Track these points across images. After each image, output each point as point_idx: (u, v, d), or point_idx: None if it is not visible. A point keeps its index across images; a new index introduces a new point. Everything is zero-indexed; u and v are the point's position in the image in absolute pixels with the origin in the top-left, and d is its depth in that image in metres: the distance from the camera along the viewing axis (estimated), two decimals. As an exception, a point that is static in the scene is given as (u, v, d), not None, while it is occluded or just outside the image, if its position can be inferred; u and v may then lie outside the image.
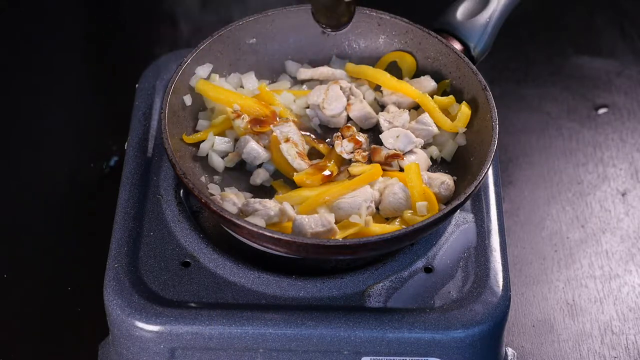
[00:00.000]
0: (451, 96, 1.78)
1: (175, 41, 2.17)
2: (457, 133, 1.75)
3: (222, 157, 1.73)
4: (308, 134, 1.76)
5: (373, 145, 1.73)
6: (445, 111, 1.77)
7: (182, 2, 2.01)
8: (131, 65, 2.06)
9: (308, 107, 1.78)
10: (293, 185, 1.70)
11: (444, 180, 1.68)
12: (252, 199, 1.64)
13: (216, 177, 1.72)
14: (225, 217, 1.56)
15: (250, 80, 1.80)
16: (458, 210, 1.65)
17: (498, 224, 1.70)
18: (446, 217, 1.59)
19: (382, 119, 1.74)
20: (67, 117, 2.10)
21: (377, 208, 1.66)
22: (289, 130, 1.72)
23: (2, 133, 2.07)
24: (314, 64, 1.84)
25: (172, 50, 1.93)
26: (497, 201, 1.73)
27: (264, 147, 1.72)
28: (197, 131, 1.75)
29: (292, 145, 1.70)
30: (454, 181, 1.70)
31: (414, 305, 1.60)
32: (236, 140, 1.74)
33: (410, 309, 1.59)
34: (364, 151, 1.71)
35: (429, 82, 1.80)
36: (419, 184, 1.65)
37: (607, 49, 2.26)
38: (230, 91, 1.77)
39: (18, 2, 2.30)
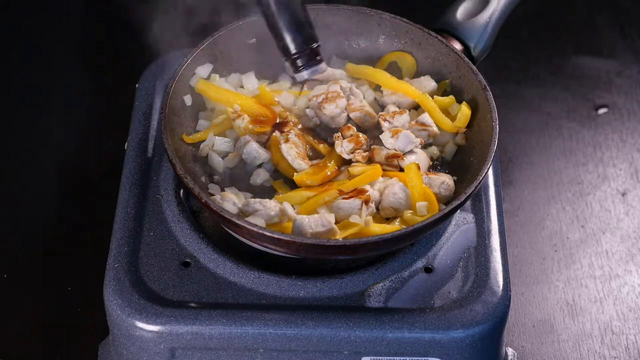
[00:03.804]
0: (451, 96, 1.78)
1: (175, 41, 2.16)
2: (457, 133, 1.75)
3: (222, 157, 1.73)
4: (308, 133, 1.76)
5: (373, 146, 1.73)
6: (445, 111, 1.77)
7: (182, 2, 2.01)
8: (131, 65, 2.06)
9: (308, 107, 1.78)
10: (293, 185, 1.70)
11: (444, 180, 1.68)
12: (252, 199, 1.64)
13: (216, 177, 1.72)
14: (225, 217, 1.56)
15: (250, 80, 1.80)
16: (458, 210, 1.65)
17: (498, 224, 1.70)
18: (446, 217, 1.59)
19: (382, 119, 1.74)
20: (67, 117, 2.10)
21: (377, 208, 1.66)
22: (289, 130, 1.72)
23: (2, 133, 2.07)
24: (314, 64, 1.84)
25: (172, 50, 1.93)
26: (497, 201, 1.73)
27: (264, 147, 1.72)
28: (197, 131, 1.75)
29: (292, 146, 1.70)
30: (454, 181, 1.70)
31: (414, 305, 1.60)
32: (236, 140, 1.74)
33: (410, 309, 1.59)
34: (364, 151, 1.71)
35: (429, 82, 1.80)
36: (419, 184, 1.65)
37: (607, 49, 2.27)
38: (230, 91, 1.77)
39: (18, 2, 2.30)
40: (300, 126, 1.75)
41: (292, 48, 1.62)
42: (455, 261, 1.65)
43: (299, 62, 1.63)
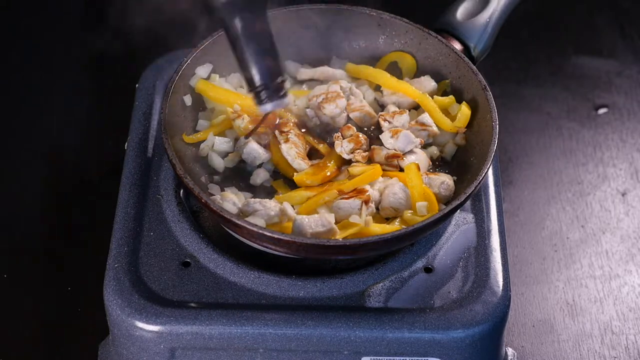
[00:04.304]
0: (451, 96, 1.78)
1: (175, 41, 2.17)
2: (457, 133, 1.75)
3: (222, 157, 1.73)
4: (308, 133, 1.75)
5: (373, 146, 1.73)
6: (445, 111, 1.77)
7: (182, 2, 2.01)
8: (131, 65, 2.06)
9: (308, 107, 1.78)
10: (293, 185, 1.70)
11: (444, 180, 1.68)
12: (252, 199, 1.64)
13: (216, 177, 1.72)
14: (225, 217, 1.56)
15: (251, 80, 1.80)
16: (458, 210, 1.65)
17: (498, 224, 1.70)
18: (446, 217, 1.59)
19: (382, 119, 1.74)
20: (67, 117, 2.10)
21: (377, 208, 1.66)
22: (289, 130, 1.72)
23: (2, 133, 2.07)
24: (314, 64, 1.84)
25: (172, 50, 1.93)
26: (497, 201, 1.73)
27: (264, 147, 1.72)
28: (197, 131, 1.75)
29: (292, 146, 1.70)
30: (454, 181, 1.70)
31: (414, 305, 1.60)
32: (236, 140, 1.74)
33: (410, 309, 1.59)
34: (364, 151, 1.71)
35: (429, 82, 1.80)
36: (419, 184, 1.65)
37: (607, 49, 2.27)
38: (230, 91, 1.77)
39: (18, 2, 2.30)
40: (300, 126, 1.75)
41: (257, 81, 1.58)
42: (455, 261, 1.65)
43: (262, 95, 1.59)
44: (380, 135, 1.74)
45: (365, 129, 1.78)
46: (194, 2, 1.83)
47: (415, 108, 1.79)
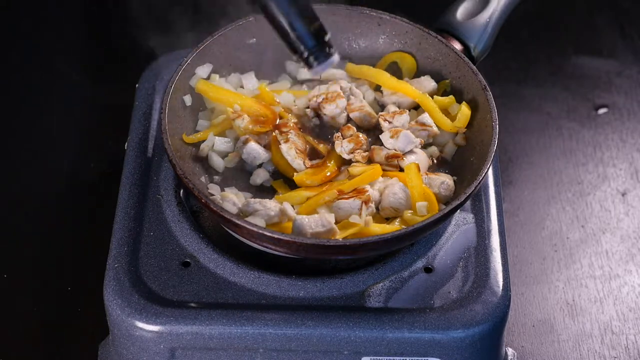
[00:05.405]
0: (451, 96, 1.78)
1: (175, 41, 2.17)
2: (457, 133, 1.75)
3: (222, 157, 1.73)
4: (308, 133, 1.76)
5: (373, 146, 1.73)
6: (445, 111, 1.77)
7: (182, 2, 2.01)
8: (131, 65, 2.06)
9: (308, 107, 1.78)
10: (293, 185, 1.70)
11: (444, 180, 1.68)
12: (252, 199, 1.64)
13: (216, 177, 1.72)
14: (225, 217, 1.56)
15: (250, 80, 1.80)
16: (458, 210, 1.65)
17: (498, 224, 1.70)
18: (446, 217, 1.59)
19: (382, 119, 1.74)
20: (67, 117, 2.10)
21: (377, 208, 1.66)
22: (289, 130, 1.72)
23: (2, 133, 2.07)
24: (314, 64, 1.84)
25: (172, 51, 1.93)
26: (497, 201, 1.73)
27: (264, 147, 1.72)
28: (197, 131, 1.75)
29: (292, 146, 1.70)
30: (454, 181, 1.70)
31: (414, 305, 1.60)
32: (236, 140, 1.74)
33: (410, 309, 1.59)
34: (364, 151, 1.71)
35: (429, 82, 1.80)
36: (419, 184, 1.65)
37: (607, 49, 2.27)
38: (230, 91, 1.77)
39: (18, 2, 2.30)
40: (300, 126, 1.75)
41: (303, 44, 1.50)
42: (455, 261, 1.65)
43: (311, 59, 1.52)
44: (380, 135, 1.74)
45: (365, 129, 1.77)
46: (194, 2, 1.83)
47: (415, 108, 1.79)
